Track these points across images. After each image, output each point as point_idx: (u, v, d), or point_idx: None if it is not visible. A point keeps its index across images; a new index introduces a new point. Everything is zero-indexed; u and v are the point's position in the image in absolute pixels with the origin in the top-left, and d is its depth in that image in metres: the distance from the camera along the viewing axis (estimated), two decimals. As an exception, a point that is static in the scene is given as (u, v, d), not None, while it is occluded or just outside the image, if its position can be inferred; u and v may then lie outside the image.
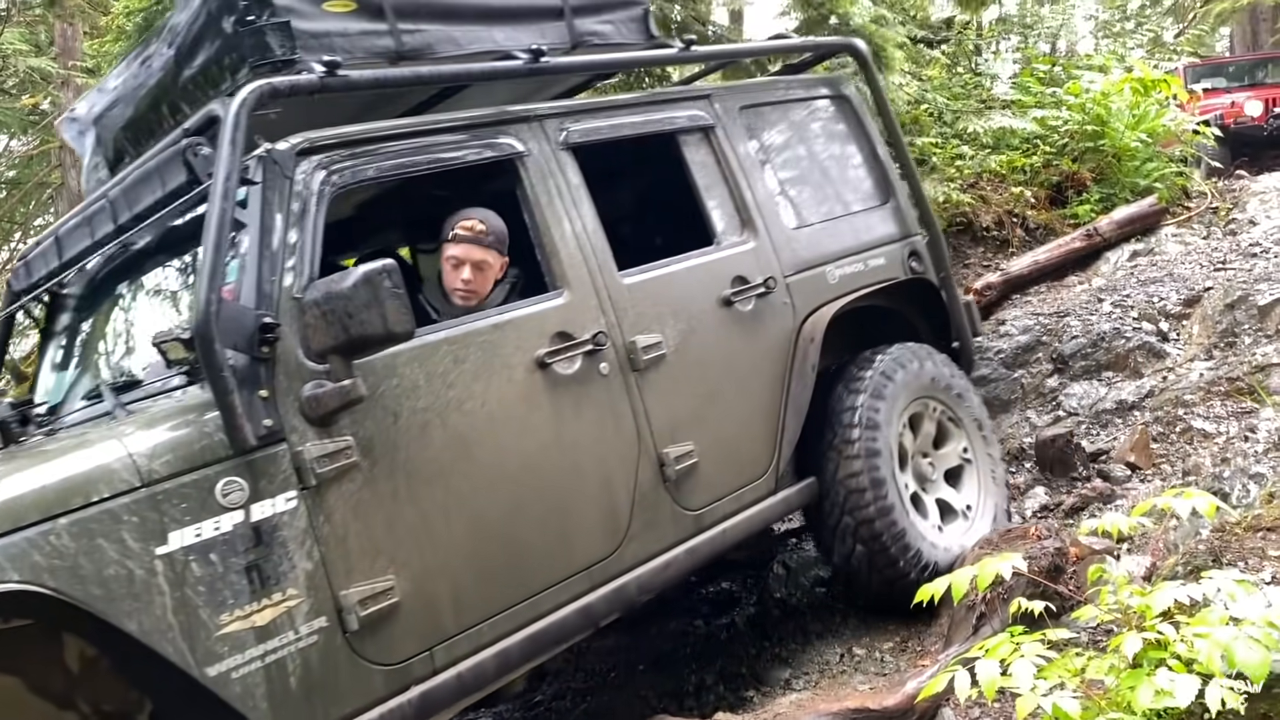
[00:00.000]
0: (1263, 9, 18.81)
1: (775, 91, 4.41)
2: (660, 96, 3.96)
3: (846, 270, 4.21)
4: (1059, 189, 8.60)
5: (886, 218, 4.52)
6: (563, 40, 3.71)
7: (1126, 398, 5.35)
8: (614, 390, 3.29)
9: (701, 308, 3.63)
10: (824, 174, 4.41)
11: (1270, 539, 2.39)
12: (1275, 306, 5.20)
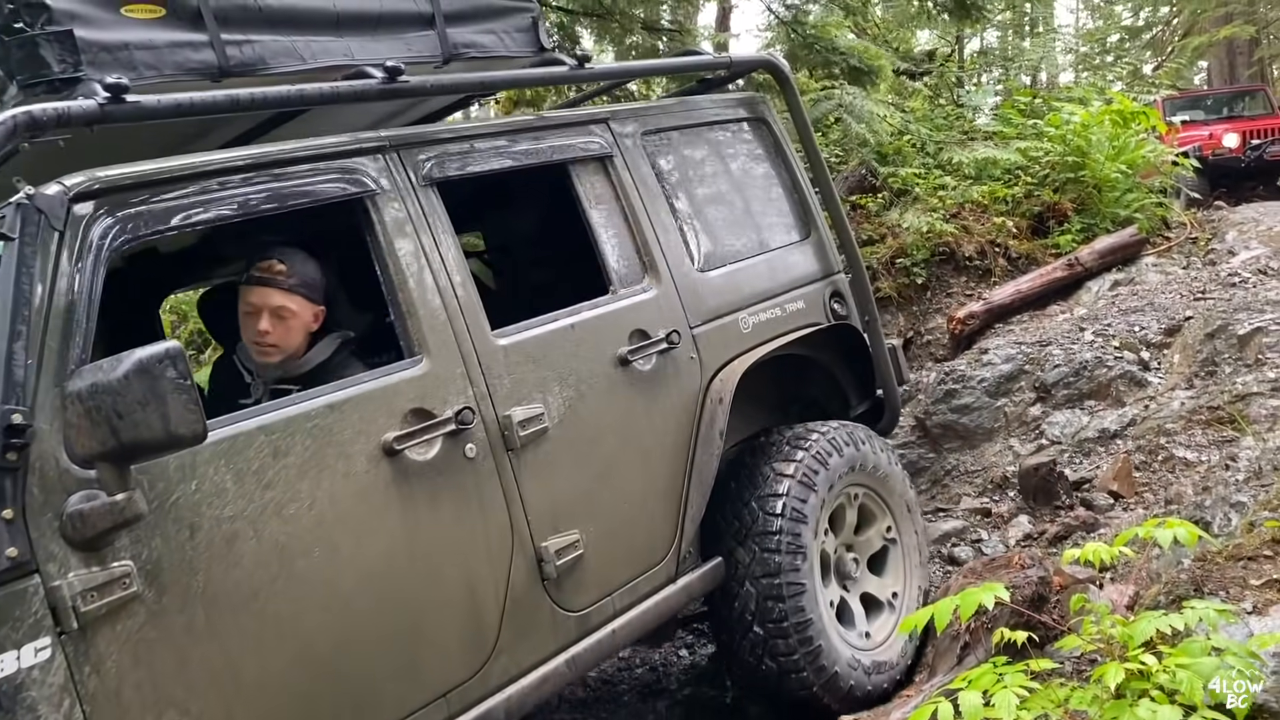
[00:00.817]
0: (1239, 43, 19.14)
1: (684, 114, 3.92)
2: (548, 121, 3.42)
3: (762, 317, 3.78)
4: (1040, 219, 8.69)
5: (807, 254, 4.11)
6: (433, 53, 3.20)
7: (1109, 426, 5.37)
8: (483, 477, 2.78)
9: (593, 369, 3.14)
10: (739, 207, 3.96)
11: (1251, 568, 2.40)
12: (1254, 336, 5.23)
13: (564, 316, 3.14)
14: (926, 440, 6.15)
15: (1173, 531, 2.14)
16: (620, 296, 3.33)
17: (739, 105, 4.18)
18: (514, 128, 3.28)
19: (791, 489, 3.51)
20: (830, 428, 3.80)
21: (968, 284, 8.38)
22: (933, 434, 6.11)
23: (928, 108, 10.87)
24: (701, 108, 4.02)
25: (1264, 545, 2.47)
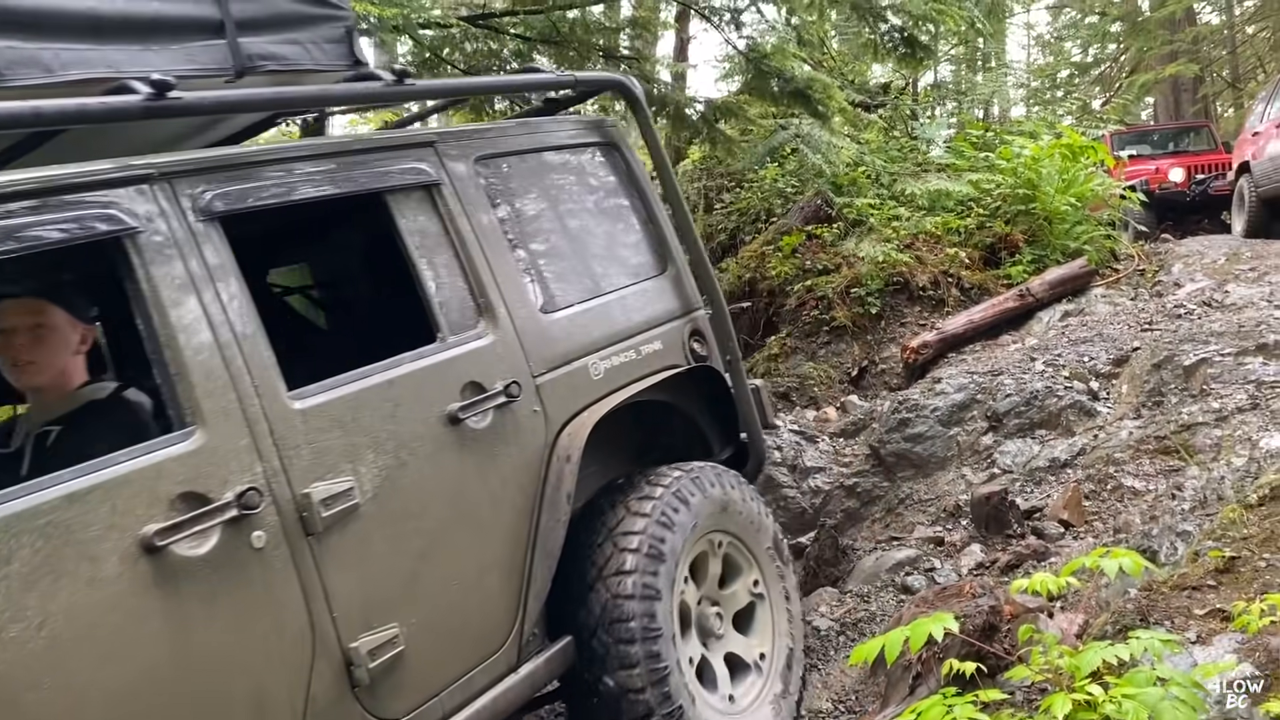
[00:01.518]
0: (1183, 80, 19.66)
1: (525, 138, 3.54)
2: (360, 144, 3.00)
3: (615, 361, 3.40)
4: (992, 250, 8.83)
5: (664, 290, 3.74)
6: (222, 64, 2.76)
7: (1059, 455, 5.42)
8: (274, 570, 2.31)
9: (417, 431, 2.71)
10: (588, 240, 3.61)
11: (1195, 597, 2.42)
12: (1199, 367, 5.32)
13: (380, 371, 2.68)
14: (880, 469, 6.17)
15: (1118, 561, 2.15)
16: (450, 345, 2.90)
17: (588, 129, 3.82)
18: (318, 151, 2.85)
19: (637, 564, 3.12)
20: (693, 467, 3.49)
21: (921, 313, 8.48)
22: (887, 462, 6.14)
23: (883, 139, 11.03)
24: (545, 131, 3.65)
25: (1208, 575, 2.49)
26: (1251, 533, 2.65)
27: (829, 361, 8.49)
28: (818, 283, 8.71)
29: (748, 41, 6.29)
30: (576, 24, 6.35)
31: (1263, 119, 10.44)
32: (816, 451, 6.69)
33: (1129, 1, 21.61)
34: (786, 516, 6.31)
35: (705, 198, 10.95)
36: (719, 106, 6.67)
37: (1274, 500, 2.81)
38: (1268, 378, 4.96)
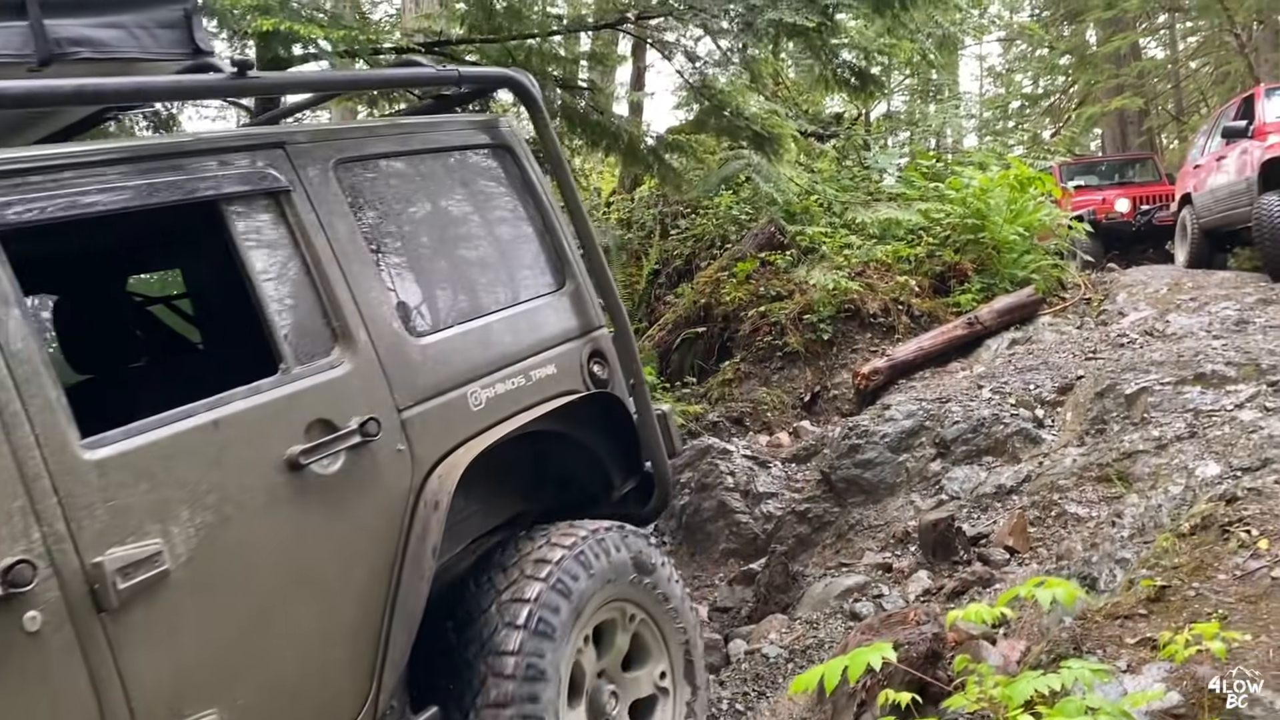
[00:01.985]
0: (1129, 113, 20.14)
1: (400, 138, 3.15)
2: (193, 145, 2.56)
3: (500, 389, 3.02)
4: (942, 278, 8.98)
5: (561, 308, 3.38)
6: (22, 50, 2.45)
7: (1005, 482, 5.50)
8: (53, 656, 1.96)
9: (247, 481, 2.33)
10: (473, 253, 3.26)
11: (1127, 626, 2.47)
12: (1140, 396, 5.44)
13: (203, 411, 2.29)
14: (832, 494, 6.23)
15: (1052, 592, 2.19)
16: (294, 377, 2.49)
17: (477, 129, 3.41)
18: (137, 153, 2.44)
19: (542, 597, 2.80)
20: (600, 529, 3.13)
21: (872, 340, 8.59)
22: (837, 488, 6.19)
23: (835, 168, 11.19)
24: (425, 132, 3.24)
25: (1139, 604, 2.54)
26: (1182, 562, 2.72)
27: (782, 387, 8.57)
28: (771, 309, 8.80)
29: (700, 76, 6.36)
30: (533, 53, 6.38)
31: (1204, 152, 10.73)
32: (769, 477, 6.73)
33: (1077, 35, 22.13)
34: (739, 542, 6.34)
35: (661, 223, 11.02)
36: (669, 142, 6.72)
37: (1205, 530, 2.88)
38: (1205, 407, 5.08)
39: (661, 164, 7.15)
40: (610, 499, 3.56)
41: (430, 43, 6.61)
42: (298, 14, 4.76)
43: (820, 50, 5.87)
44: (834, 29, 5.77)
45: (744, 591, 5.49)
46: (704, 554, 6.34)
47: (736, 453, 6.87)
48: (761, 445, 7.72)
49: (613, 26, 6.48)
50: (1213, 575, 2.59)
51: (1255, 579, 2.52)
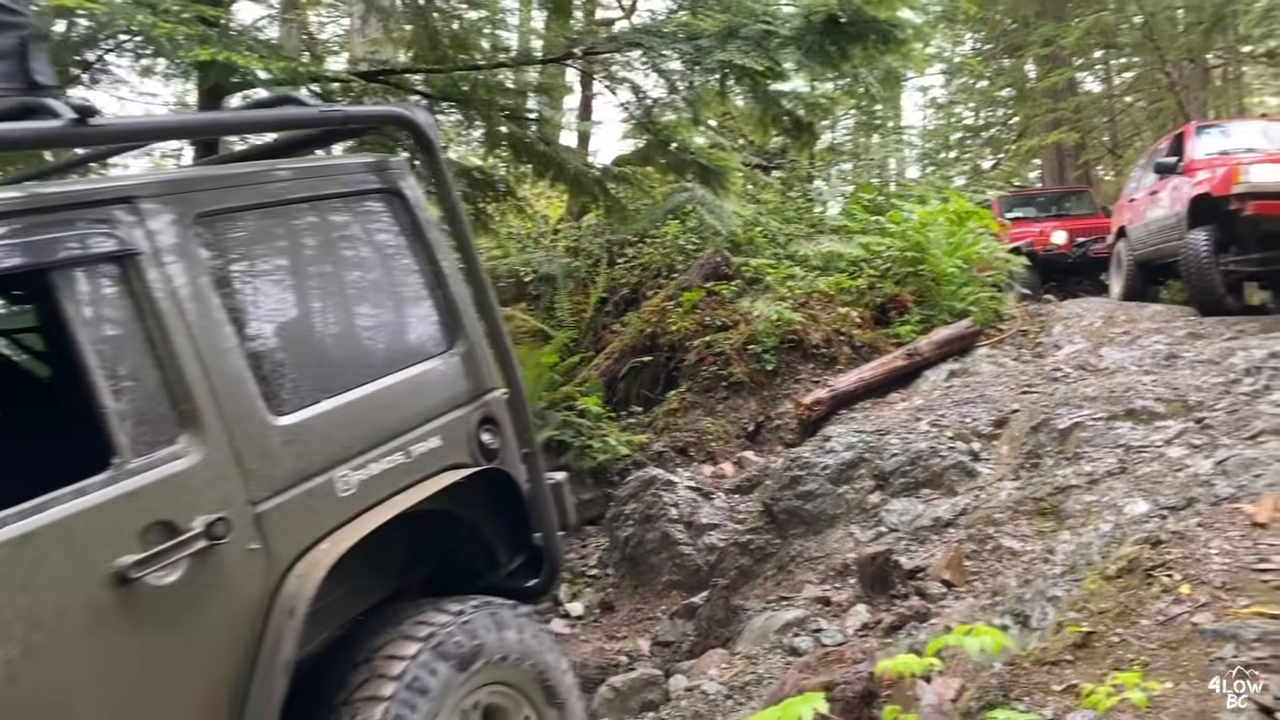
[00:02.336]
0: (1066, 146, 20.65)
1: (271, 186, 2.77)
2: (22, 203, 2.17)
3: (374, 469, 2.66)
4: (883, 310, 9.12)
5: (451, 371, 3.04)
6: None
7: (942, 515, 5.57)
8: None
9: (63, 601, 1.98)
10: (352, 314, 2.91)
11: (1054, 673, 2.52)
12: (1073, 430, 5.55)
13: (13, 522, 1.92)
14: (773, 526, 6.26)
15: (979, 641, 2.22)
16: (131, 472, 2.13)
17: (363, 172, 3.04)
18: None
19: (399, 695, 2.50)
20: (466, 610, 2.80)
21: (815, 371, 8.68)
22: (779, 520, 6.23)
23: (780, 200, 11.32)
24: (303, 177, 2.88)
25: (1066, 649, 2.59)
26: (1108, 606, 2.78)
27: (726, 417, 8.62)
28: (716, 339, 8.86)
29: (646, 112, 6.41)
30: (479, 84, 6.38)
31: (1138, 186, 11.03)
32: (712, 508, 6.77)
33: (1017, 69, 22.68)
34: (682, 574, 6.36)
35: (609, 252, 11.06)
36: (616, 173, 6.77)
37: (1130, 573, 2.95)
38: (1135, 442, 5.20)
39: (607, 195, 7.18)
40: (496, 574, 3.26)
41: (374, 71, 6.58)
42: (236, 44, 4.72)
43: (763, 96, 5.96)
44: (780, 76, 5.86)
45: (685, 625, 5.50)
46: (647, 586, 6.35)
47: (681, 484, 6.90)
48: (706, 476, 7.76)
49: (560, 61, 6.52)
50: (1136, 621, 2.65)
51: (1177, 624, 2.58)
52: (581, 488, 7.83)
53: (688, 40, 5.68)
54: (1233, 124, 11.27)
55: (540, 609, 6.58)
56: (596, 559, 6.98)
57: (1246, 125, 10.85)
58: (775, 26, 5.67)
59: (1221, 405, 5.38)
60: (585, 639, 5.89)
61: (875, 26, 5.73)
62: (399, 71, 6.69)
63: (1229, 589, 2.70)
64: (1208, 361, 6.59)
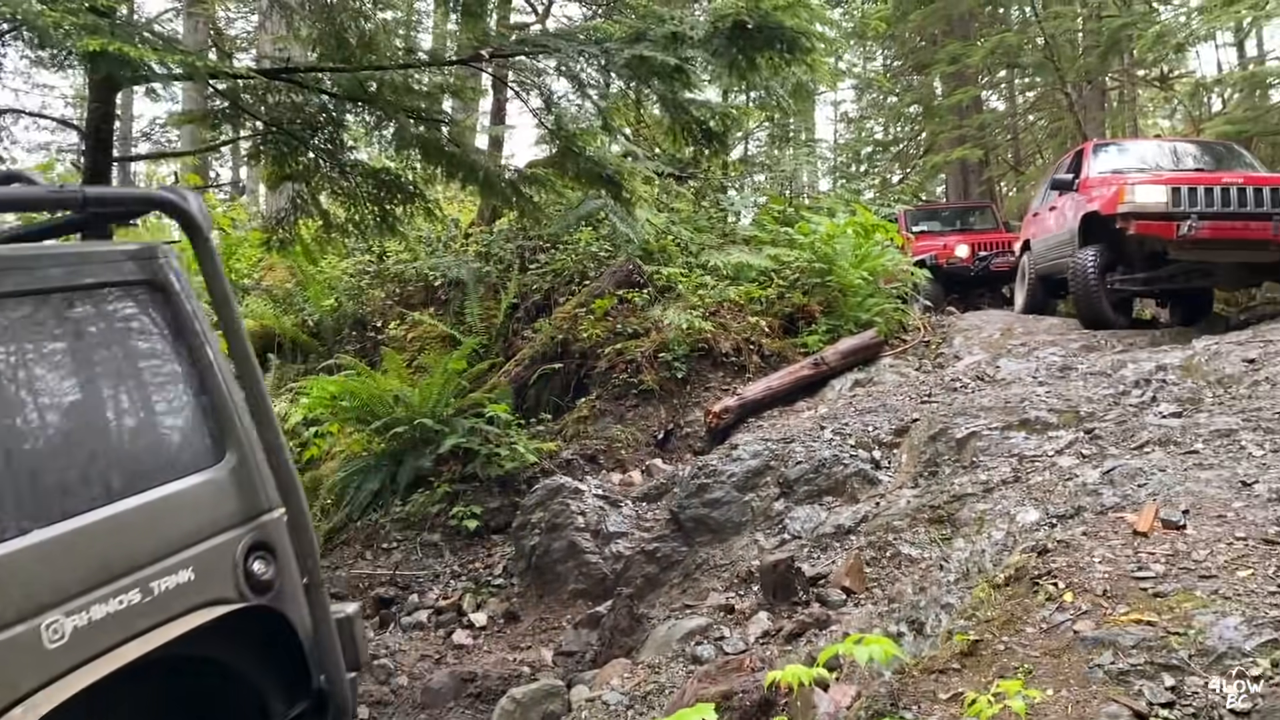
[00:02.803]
0: (971, 163, 21.23)
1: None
2: None
3: (97, 613, 2.25)
4: (791, 319, 9.23)
5: (214, 491, 2.62)
6: None
7: (844, 522, 5.65)
8: None
9: None
10: (82, 426, 2.44)
11: (941, 681, 2.56)
12: (970, 440, 5.69)
13: None
14: (680, 534, 6.28)
15: (869, 650, 2.25)
16: None
17: (121, 261, 2.65)
18: None
19: None
20: None
21: (725, 379, 8.74)
22: (686, 527, 6.25)
23: (692, 209, 11.39)
24: (40, 265, 2.47)
25: (954, 658, 2.64)
26: (995, 615, 2.84)
27: (636, 424, 8.61)
28: (627, 346, 8.86)
29: (556, 119, 6.37)
30: (385, 85, 6.26)
31: (1042, 201, 11.35)
32: (620, 516, 6.75)
33: (925, 86, 23.24)
34: (588, 582, 6.33)
35: (521, 257, 10.97)
36: (529, 176, 6.70)
37: (1018, 581, 3.02)
38: (1028, 452, 5.35)
39: (520, 197, 7.11)
40: None
41: (278, 70, 6.41)
42: (129, 35, 4.54)
43: (673, 104, 5.97)
44: (688, 80, 5.88)
45: (589, 635, 5.47)
46: (552, 595, 6.30)
47: (589, 492, 6.87)
48: (614, 484, 7.74)
49: (468, 63, 6.43)
50: (1022, 629, 2.71)
51: (1059, 632, 2.65)
52: (488, 496, 7.74)
53: (596, 44, 5.66)
54: (1131, 143, 11.51)
55: (443, 618, 6.50)
56: (502, 568, 6.90)
57: (1144, 144, 11.10)
58: (682, 30, 5.68)
59: (1111, 416, 5.57)
60: (488, 649, 5.81)
61: (782, 34, 5.78)
62: (304, 70, 6.52)
63: (1109, 597, 2.78)
64: (1100, 373, 6.83)
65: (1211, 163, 9.89)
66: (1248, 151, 10.34)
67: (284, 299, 11.91)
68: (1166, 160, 9.94)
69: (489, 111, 13.59)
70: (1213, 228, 8.26)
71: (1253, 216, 8.23)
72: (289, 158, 6.95)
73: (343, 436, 8.70)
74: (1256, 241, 8.29)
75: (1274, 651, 2.37)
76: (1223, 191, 8.32)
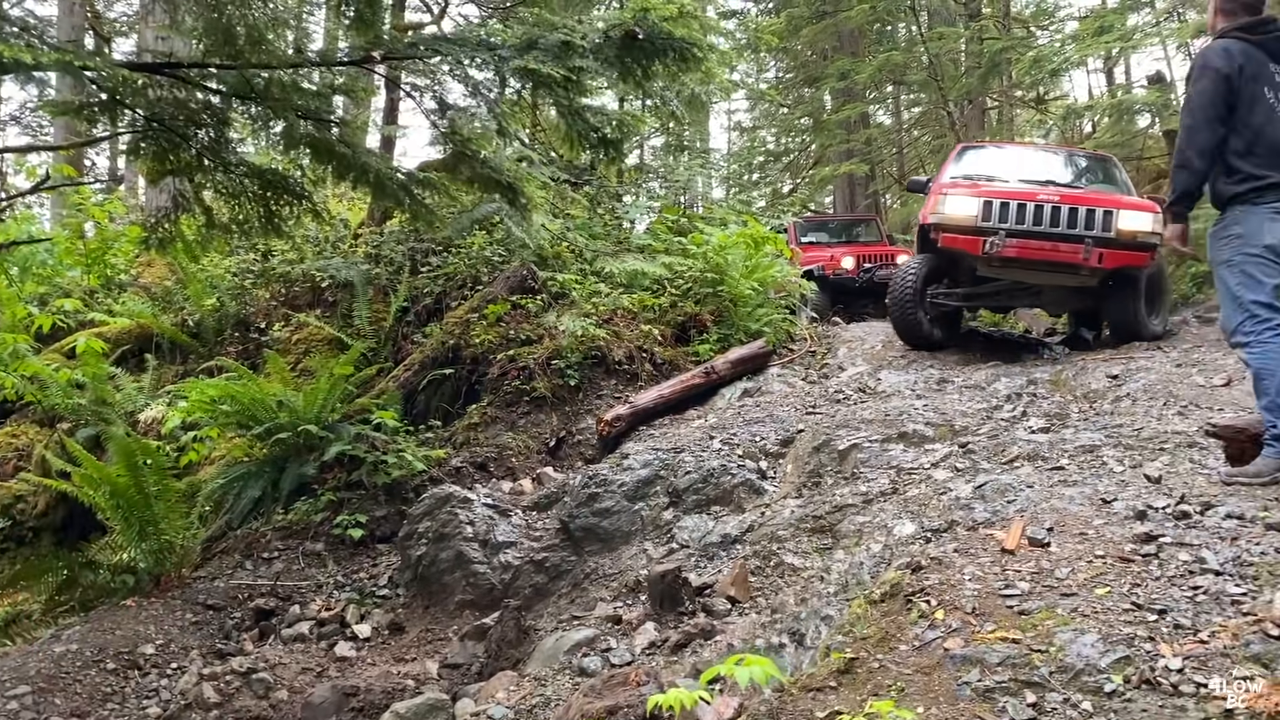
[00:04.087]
0: (858, 176, 21.82)
1: None
2: None
3: None
4: (684, 328, 9.34)
5: None
6: None
7: (731, 532, 5.75)
8: None
9: None
10: None
11: (818, 699, 2.64)
12: (851, 451, 5.86)
13: None
14: (569, 543, 6.29)
15: (749, 671, 2.31)
16: None
17: None
18: None
19: None
20: None
21: (617, 387, 8.78)
22: (575, 537, 6.26)
23: (588, 216, 11.41)
24: None
25: (830, 675, 2.73)
26: (871, 632, 2.94)
27: (528, 432, 8.58)
28: (520, 353, 8.82)
29: (450, 122, 6.30)
30: (274, 82, 6.09)
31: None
32: (509, 525, 6.71)
33: (815, 99, 23.79)
34: (476, 593, 6.27)
35: (412, 259, 10.80)
36: (421, 179, 6.60)
37: (892, 598, 3.13)
38: (906, 464, 5.54)
39: (413, 199, 6.99)
40: None
41: (159, 64, 6.18)
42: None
43: (568, 111, 5.98)
44: (581, 88, 5.88)
45: (476, 647, 5.43)
46: (439, 606, 6.23)
47: (478, 500, 6.81)
48: (504, 492, 7.70)
49: (359, 64, 6.30)
50: (895, 646, 2.82)
51: (930, 650, 2.76)
52: (374, 504, 7.61)
53: (490, 50, 5.62)
54: (1000, 147, 10.77)
55: (326, 630, 6.36)
56: (387, 578, 6.79)
57: (1013, 151, 10.46)
58: (574, 39, 5.68)
59: (984, 431, 5.81)
60: (372, 662, 5.71)
61: (672, 45, 5.82)
62: (187, 65, 6.29)
63: (978, 614, 2.91)
64: (974, 387, 7.11)
65: (1073, 175, 9.50)
66: (1121, 169, 9.98)
67: (163, 297, 11.47)
68: (1030, 169, 9.37)
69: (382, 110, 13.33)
70: (1020, 246, 7.95)
71: (1063, 238, 7.92)
72: (171, 154, 6.69)
73: (223, 441, 8.43)
74: (1066, 264, 7.99)
75: (1126, 668, 2.52)
76: (1035, 209, 7.99)
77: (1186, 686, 2.41)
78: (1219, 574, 2.91)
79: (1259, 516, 3.38)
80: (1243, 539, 3.17)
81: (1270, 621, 2.57)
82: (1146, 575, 2.98)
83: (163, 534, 6.84)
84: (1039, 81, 19.32)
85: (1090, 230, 7.91)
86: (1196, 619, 2.68)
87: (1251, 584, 2.82)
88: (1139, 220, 8.01)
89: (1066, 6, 20.33)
